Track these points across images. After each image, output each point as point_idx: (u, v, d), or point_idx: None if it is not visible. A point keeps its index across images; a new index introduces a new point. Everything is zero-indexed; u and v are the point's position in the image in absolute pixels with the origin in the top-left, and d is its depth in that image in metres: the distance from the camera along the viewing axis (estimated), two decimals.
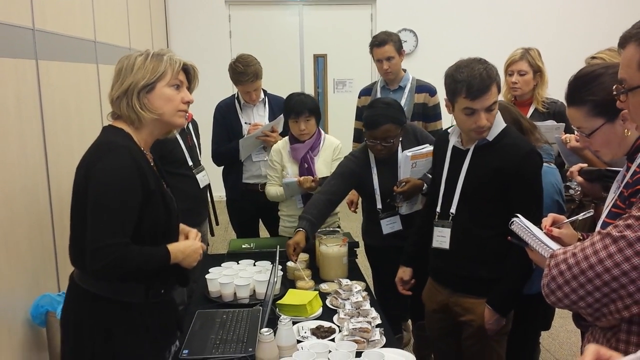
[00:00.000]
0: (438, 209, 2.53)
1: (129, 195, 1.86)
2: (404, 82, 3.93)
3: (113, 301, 1.93)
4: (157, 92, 1.95)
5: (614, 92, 1.46)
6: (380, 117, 2.94)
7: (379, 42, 3.84)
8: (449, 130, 2.59)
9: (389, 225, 3.09)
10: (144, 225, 1.91)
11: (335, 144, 3.50)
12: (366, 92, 4.09)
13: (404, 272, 2.82)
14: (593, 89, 1.71)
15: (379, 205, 3.09)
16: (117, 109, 1.96)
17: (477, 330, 2.44)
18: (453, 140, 2.50)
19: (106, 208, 1.83)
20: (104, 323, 1.93)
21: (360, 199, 3.69)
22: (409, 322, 3.78)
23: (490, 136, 2.37)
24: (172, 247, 1.99)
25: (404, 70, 3.96)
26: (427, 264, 2.66)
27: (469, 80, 2.24)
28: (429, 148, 2.97)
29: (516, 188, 2.32)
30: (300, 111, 3.31)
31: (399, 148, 3.05)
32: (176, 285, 2.14)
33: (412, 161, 3.01)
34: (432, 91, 3.86)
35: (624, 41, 1.40)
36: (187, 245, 2.06)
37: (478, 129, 2.32)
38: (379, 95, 3.94)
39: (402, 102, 3.84)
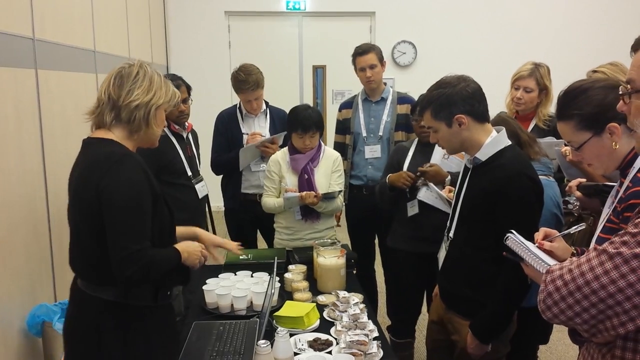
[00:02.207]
0: (448, 223, 2.53)
1: (144, 200, 1.95)
2: (385, 94, 3.97)
3: (126, 306, 1.99)
4: (159, 113, 2.09)
5: (620, 92, 1.46)
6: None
7: (362, 50, 3.92)
8: None
9: (412, 208, 3.18)
10: (154, 228, 2.00)
11: (335, 155, 3.51)
12: (347, 105, 4.12)
13: None
14: (579, 103, 1.73)
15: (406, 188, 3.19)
16: (129, 114, 2.01)
17: (462, 352, 2.40)
18: (465, 159, 2.47)
19: (127, 216, 1.90)
20: (120, 328, 1.98)
21: (343, 213, 3.96)
22: None
23: (484, 156, 2.30)
24: (179, 247, 2.09)
25: (385, 84, 4.00)
26: None
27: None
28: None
29: (501, 211, 2.21)
30: (308, 127, 3.30)
31: None
32: (177, 287, 2.24)
33: (445, 151, 3.06)
34: (413, 102, 3.88)
35: (637, 44, 1.42)
36: (187, 244, 2.16)
37: None
38: (360, 107, 3.99)
39: (386, 114, 3.91)
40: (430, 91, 2.34)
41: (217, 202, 4.05)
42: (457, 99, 2.26)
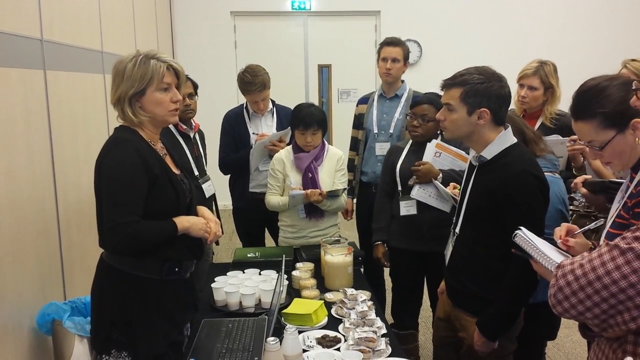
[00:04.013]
0: (454, 219, 2.54)
1: (134, 179, 2.09)
2: (400, 91, 3.96)
3: (131, 276, 2.16)
4: (148, 97, 2.16)
5: (633, 87, 1.46)
6: (423, 98, 3.21)
7: (390, 41, 3.94)
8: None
9: (406, 208, 3.21)
10: (153, 205, 2.14)
11: (339, 154, 3.52)
12: (364, 100, 4.13)
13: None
14: (602, 101, 1.69)
15: (399, 187, 3.24)
16: (118, 112, 2.19)
17: (469, 349, 2.41)
18: (470, 156, 2.48)
19: (115, 193, 2.08)
20: (121, 294, 2.16)
21: (354, 208, 4.12)
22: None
23: (489, 154, 2.30)
24: (177, 219, 2.20)
25: (402, 81, 4.00)
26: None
27: None
28: (462, 152, 3.10)
29: (507, 209, 2.22)
30: (309, 124, 3.32)
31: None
32: (192, 263, 2.34)
33: (436, 149, 3.11)
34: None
35: None
36: (189, 217, 2.27)
37: None
38: (375, 104, 4.00)
39: (398, 111, 3.91)
40: (471, 73, 2.28)
41: (224, 201, 4.07)
42: (493, 94, 2.25)
